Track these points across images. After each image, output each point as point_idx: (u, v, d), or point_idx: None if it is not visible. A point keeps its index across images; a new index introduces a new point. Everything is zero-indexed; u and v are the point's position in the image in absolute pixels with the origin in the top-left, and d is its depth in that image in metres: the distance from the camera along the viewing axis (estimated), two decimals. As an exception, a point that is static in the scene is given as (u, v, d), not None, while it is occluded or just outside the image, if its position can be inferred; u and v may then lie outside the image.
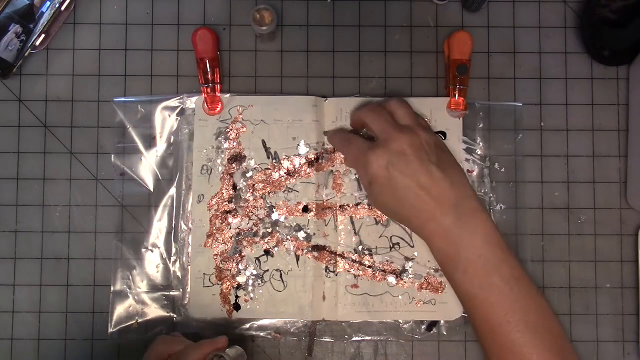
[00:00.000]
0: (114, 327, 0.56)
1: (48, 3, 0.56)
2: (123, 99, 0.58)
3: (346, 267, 0.56)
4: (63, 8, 0.58)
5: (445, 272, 0.48)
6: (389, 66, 0.59)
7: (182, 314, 0.56)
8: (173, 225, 0.57)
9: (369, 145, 0.49)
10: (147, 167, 0.58)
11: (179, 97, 0.58)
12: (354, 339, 0.57)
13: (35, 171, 0.58)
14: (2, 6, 0.54)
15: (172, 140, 0.58)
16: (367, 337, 0.57)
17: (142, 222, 0.57)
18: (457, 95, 0.56)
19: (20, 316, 0.57)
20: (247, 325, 0.57)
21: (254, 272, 0.56)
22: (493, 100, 0.59)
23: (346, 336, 0.57)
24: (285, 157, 0.57)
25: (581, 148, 0.59)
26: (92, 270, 0.57)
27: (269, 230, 0.56)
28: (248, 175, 0.57)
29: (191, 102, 0.57)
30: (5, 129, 0.58)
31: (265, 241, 0.56)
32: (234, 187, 0.57)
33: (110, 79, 0.59)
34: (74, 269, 0.57)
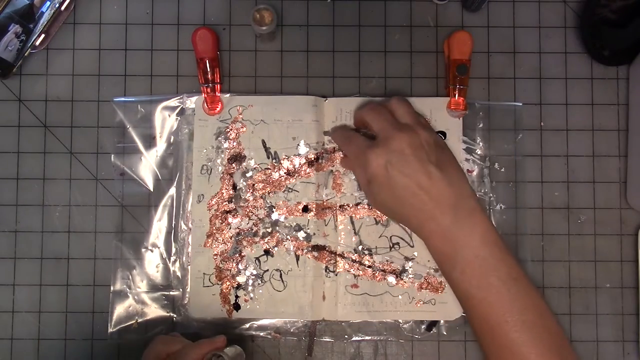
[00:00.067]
0: (114, 327, 0.56)
1: (48, 3, 0.56)
2: (123, 99, 0.58)
3: (346, 267, 0.56)
4: (63, 8, 0.58)
5: (443, 272, 0.48)
6: (389, 66, 0.59)
7: (182, 314, 0.56)
8: (173, 225, 0.57)
9: (369, 144, 0.49)
10: (147, 167, 0.58)
11: (179, 97, 0.58)
12: (354, 339, 0.57)
13: (35, 171, 0.58)
14: (2, 6, 0.54)
15: (172, 140, 0.58)
16: (367, 337, 0.57)
17: (142, 222, 0.57)
18: (457, 95, 0.56)
19: (20, 316, 0.57)
20: (247, 325, 0.56)
21: (254, 272, 0.56)
22: (493, 100, 0.59)
23: (346, 336, 0.57)
24: (285, 157, 0.57)
25: (581, 148, 0.59)
26: (92, 270, 0.57)
27: (269, 230, 0.56)
28: (248, 175, 0.57)
29: (191, 102, 0.57)
30: (5, 129, 0.58)
31: (265, 241, 0.56)
32: (234, 187, 0.56)
33: (110, 79, 0.59)
34: (74, 269, 0.57)
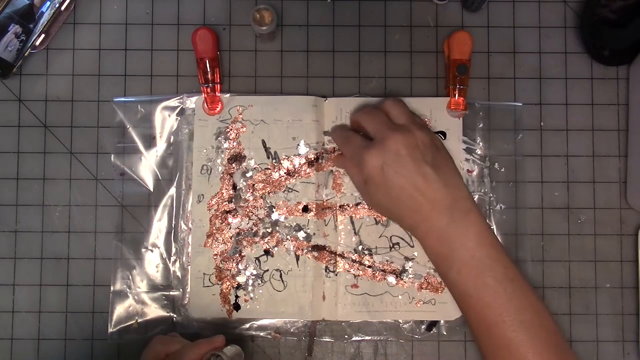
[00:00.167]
0: (114, 327, 0.56)
1: (48, 3, 0.56)
2: (123, 99, 0.58)
3: (346, 267, 0.56)
4: (63, 8, 0.58)
5: (439, 272, 0.48)
6: (389, 66, 0.59)
7: (182, 314, 0.56)
8: (173, 225, 0.57)
9: (365, 144, 0.49)
10: (147, 167, 0.58)
11: (179, 97, 0.58)
12: (354, 339, 0.57)
13: (35, 171, 0.58)
14: (2, 6, 0.54)
15: (172, 140, 0.58)
16: (367, 337, 0.57)
17: (142, 222, 0.57)
18: (457, 95, 0.56)
19: (20, 316, 0.57)
20: (247, 325, 0.56)
21: (254, 272, 0.56)
22: (493, 100, 0.59)
23: (346, 336, 0.57)
24: (285, 157, 0.57)
25: (581, 148, 0.59)
26: (92, 270, 0.57)
27: (269, 230, 0.56)
28: (248, 175, 0.57)
29: (191, 102, 0.57)
30: (5, 129, 0.58)
31: (265, 241, 0.56)
32: (234, 187, 0.56)
33: (110, 79, 0.59)
34: (74, 269, 0.57)
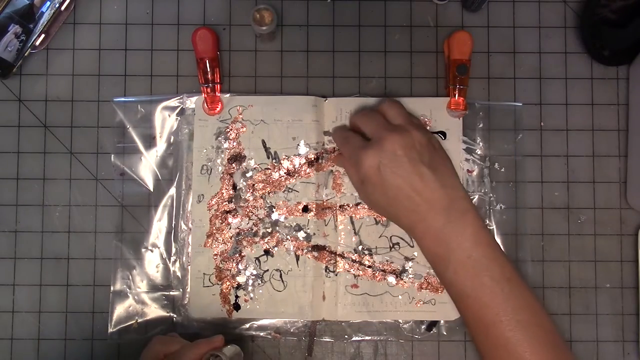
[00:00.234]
0: (114, 327, 0.56)
1: (48, 3, 0.56)
2: (123, 99, 0.58)
3: (346, 267, 0.56)
4: (63, 8, 0.58)
5: (436, 272, 0.48)
6: (389, 66, 0.59)
7: (182, 314, 0.56)
8: (173, 225, 0.57)
9: (363, 144, 0.49)
10: (147, 167, 0.58)
11: (179, 97, 0.58)
12: (354, 339, 0.57)
13: (35, 171, 0.58)
14: (2, 6, 0.54)
15: (172, 140, 0.58)
16: (367, 337, 0.57)
17: (142, 222, 0.57)
18: (457, 95, 0.56)
19: (20, 316, 0.57)
20: (247, 325, 0.56)
21: (254, 272, 0.56)
22: (493, 100, 0.59)
23: (346, 336, 0.57)
24: (285, 157, 0.57)
25: (581, 148, 0.59)
26: (92, 270, 0.57)
27: (269, 230, 0.56)
28: (248, 175, 0.57)
29: (191, 102, 0.57)
30: (5, 129, 0.58)
31: (265, 241, 0.56)
32: (234, 187, 0.56)
33: (110, 79, 0.59)
34: (74, 269, 0.57)
